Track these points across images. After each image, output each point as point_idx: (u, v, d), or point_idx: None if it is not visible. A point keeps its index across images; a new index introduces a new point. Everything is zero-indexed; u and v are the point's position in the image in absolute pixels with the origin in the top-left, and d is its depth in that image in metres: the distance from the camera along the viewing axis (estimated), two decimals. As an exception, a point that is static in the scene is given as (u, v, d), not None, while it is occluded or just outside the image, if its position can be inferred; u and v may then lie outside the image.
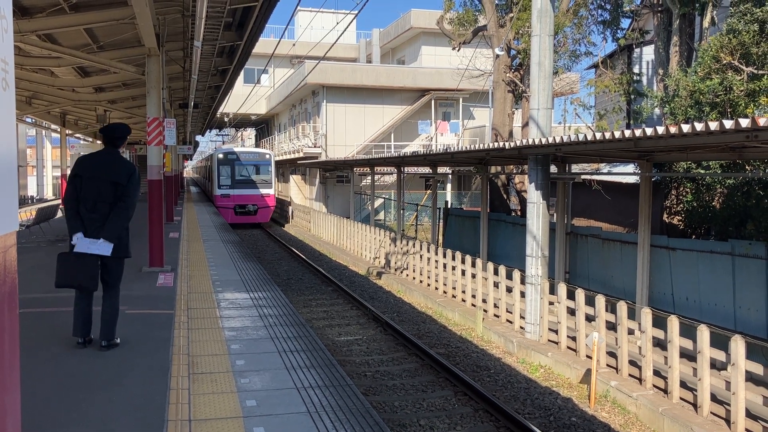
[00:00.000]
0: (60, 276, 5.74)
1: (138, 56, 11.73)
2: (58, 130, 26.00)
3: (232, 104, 37.10)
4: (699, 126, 7.15)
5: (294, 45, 37.28)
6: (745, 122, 6.57)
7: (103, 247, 5.82)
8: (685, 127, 7.34)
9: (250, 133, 68.39)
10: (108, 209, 5.87)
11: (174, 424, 4.45)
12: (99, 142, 30.60)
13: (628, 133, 8.36)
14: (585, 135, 9.21)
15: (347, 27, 14.36)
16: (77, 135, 32.19)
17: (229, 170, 30.74)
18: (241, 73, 20.63)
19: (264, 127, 59.40)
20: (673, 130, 7.58)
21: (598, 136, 8.92)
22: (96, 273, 5.79)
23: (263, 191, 31.07)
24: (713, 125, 6.95)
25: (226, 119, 46.76)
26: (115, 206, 5.89)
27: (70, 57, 11.24)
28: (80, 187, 5.88)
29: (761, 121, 6.44)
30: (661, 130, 7.80)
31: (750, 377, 7.61)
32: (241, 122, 55.25)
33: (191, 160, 77.72)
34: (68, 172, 25.17)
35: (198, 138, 51.49)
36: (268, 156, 32.29)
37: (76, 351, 5.92)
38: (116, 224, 5.88)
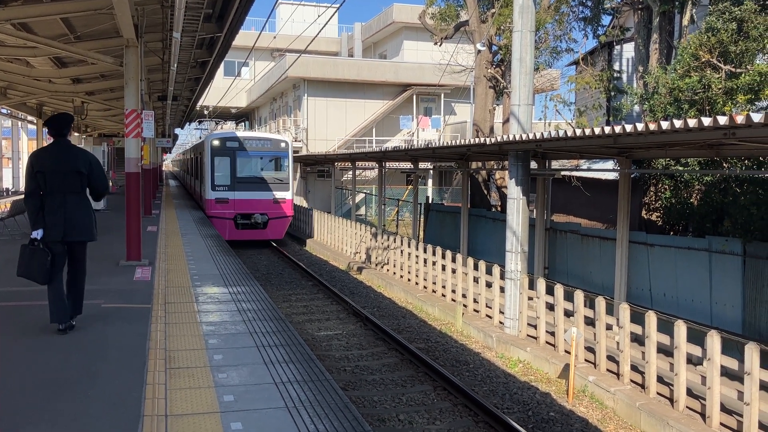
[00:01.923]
0: (19, 267, 6.00)
1: (116, 47, 11.57)
2: (35, 121, 25.60)
3: (212, 97, 36.78)
4: (678, 123, 7.20)
5: (275, 38, 37.03)
6: (723, 119, 6.63)
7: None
8: (664, 124, 7.39)
9: (230, 127, 67.91)
10: (76, 199, 6.12)
11: (150, 419, 4.39)
12: (76, 134, 30.29)
13: (607, 129, 8.40)
14: (565, 131, 9.24)
15: (329, 20, 14.30)
16: (54, 127, 31.70)
17: (229, 163, 21.98)
18: (221, 66, 20.48)
19: (244, 120, 59.06)
20: (652, 126, 7.63)
21: (578, 132, 8.96)
22: (46, 268, 5.93)
23: (278, 194, 22.32)
24: (692, 122, 7.01)
25: (206, 112, 46.38)
26: (93, 194, 6.35)
27: (47, 47, 11.04)
28: (44, 182, 6.00)
29: (739, 119, 6.50)
30: (640, 126, 7.84)
31: (725, 372, 7.70)
32: (221, 115, 54.83)
33: (170, 153, 76.91)
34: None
35: (177, 131, 51.04)
36: (284, 144, 22.98)
37: (51, 346, 5.83)
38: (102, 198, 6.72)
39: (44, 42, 10.80)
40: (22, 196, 7.93)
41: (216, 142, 22.19)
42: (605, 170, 14.82)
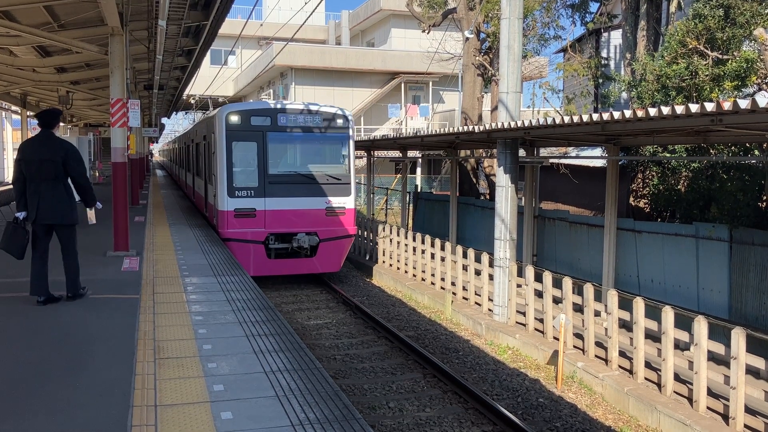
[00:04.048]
0: (1, 242, 6.75)
1: (101, 36, 11.43)
2: (19, 111, 25.29)
3: (199, 86, 36.49)
4: (665, 110, 7.22)
5: (261, 26, 36.77)
6: (710, 106, 6.65)
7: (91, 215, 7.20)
8: (652, 111, 7.41)
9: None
10: (50, 185, 6.66)
11: (139, 409, 4.38)
12: (62, 124, 30.04)
13: (595, 116, 8.41)
14: (553, 119, 9.25)
15: (315, 8, 14.17)
16: (39, 117, 31.36)
17: (255, 152, 14.07)
18: (208, 54, 20.30)
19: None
20: (640, 113, 7.65)
21: (567, 119, 8.97)
22: (24, 245, 6.69)
23: (333, 201, 14.42)
24: (679, 109, 7.03)
25: (192, 101, 46.02)
26: (74, 184, 6.83)
27: (30, 35, 10.89)
28: (25, 169, 6.67)
29: (725, 105, 6.53)
30: (628, 113, 7.86)
31: (712, 357, 7.77)
32: (207, 104, 54.46)
33: (157, 142, 76.23)
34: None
35: (164, 120, 50.67)
36: (341, 120, 14.69)
37: (38, 336, 5.79)
38: (89, 195, 6.94)
39: (27, 30, 10.65)
40: (8, 187, 8.47)
41: (234, 118, 13.97)
42: (593, 157, 14.87)
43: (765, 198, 10.11)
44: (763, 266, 9.34)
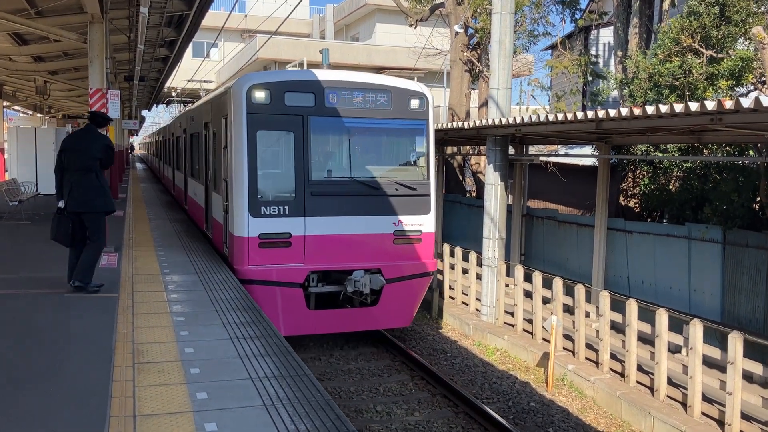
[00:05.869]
0: (51, 231, 7.11)
1: (80, 24, 11.10)
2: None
3: (180, 78, 35.95)
4: (664, 108, 7.05)
5: (246, 17, 36.29)
6: (710, 104, 6.49)
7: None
8: (650, 109, 7.24)
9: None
10: (81, 176, 6.98)
11: (117, 420, 4.10)
12: (39, 115, 29.54)
13: (590, 114, 8.24)
14: (546, 116, 9.06)
15: (300, 1, 13.91)
16: (16, 107, 30.73)
17: (292, 146, 9.29)
18: (190, 46, 19.91)
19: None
20: (637, 111, 7.48)
21: (560, 116, 8.79)
22: (68, 232, 7.00)
23: (406, 221, 9.68)
24: (678, 107, 6.86)
25: (174, 94, 45.40)
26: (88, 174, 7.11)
27: (5, 22, 10.51)
28: (64, 160, 7.08)
29: (727, 104, 6.37)
30: (624, 111, 7.69)
31: (705, 361, 7.62)
32: (189, 97, 53.78)
33: (137, 135, 75.14)
34: (6, 146, 23.93)
35: (144, 113, 50.04)
36: (416, 101, 10.05)
37: (10, 339, 5.47)
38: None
39: (2, 16, 10.27)
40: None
41: (260, 94, 9.20)
42: (585, 155, 14.73)
43: (759, 199, 9.99)
44: (757, 269, 9.21)
